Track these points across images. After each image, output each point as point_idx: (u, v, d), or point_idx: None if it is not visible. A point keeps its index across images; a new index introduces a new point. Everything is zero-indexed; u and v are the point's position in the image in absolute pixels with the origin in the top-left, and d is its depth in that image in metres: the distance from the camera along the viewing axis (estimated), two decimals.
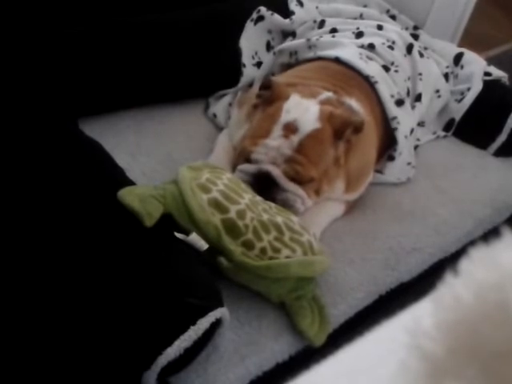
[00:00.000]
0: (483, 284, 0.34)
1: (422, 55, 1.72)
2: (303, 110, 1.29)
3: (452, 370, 0.33)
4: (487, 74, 1.78)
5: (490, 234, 1.53)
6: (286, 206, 1.27)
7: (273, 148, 1.27)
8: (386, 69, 1.58)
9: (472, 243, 1.49)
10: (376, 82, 1.51)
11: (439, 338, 0.33)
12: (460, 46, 2.01)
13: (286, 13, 1.78)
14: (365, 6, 1.93)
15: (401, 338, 0.35)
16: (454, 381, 0.32)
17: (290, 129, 1.27)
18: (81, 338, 0.99)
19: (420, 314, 0.35)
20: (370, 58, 1.58)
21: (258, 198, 1.23)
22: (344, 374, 0.40)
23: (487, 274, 0.34)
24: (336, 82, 1.45)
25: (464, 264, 0.36)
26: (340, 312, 1.24)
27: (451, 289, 0.35)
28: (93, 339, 0.99)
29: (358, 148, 1.37)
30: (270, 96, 1.34)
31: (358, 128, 1.31)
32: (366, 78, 1.52)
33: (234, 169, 1.34)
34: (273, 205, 1.24)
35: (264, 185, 1.27)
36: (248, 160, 1.30)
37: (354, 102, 1.41)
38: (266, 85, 1.37)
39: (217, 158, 1.43)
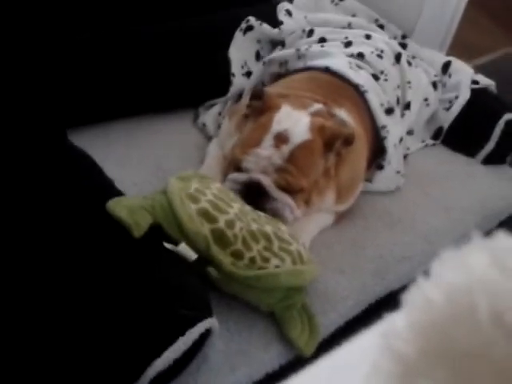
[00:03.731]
0: (452, 286, 0.34)
1: (410, 64, 1.73)
2: (294, 121, 1.30)
3: (423, 371, 0.33)
4: (475, 82, 1.79)
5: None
6: (276, 215, 1.28)
7: (264, 157, 1.27)
8: (376, 77, 1.59)
9: None
10: (366, 91, 1.52)
11: (411, 339, 0.34)
12: (448, 54, 2.02)
13: (275, 22, 1.79)
14: (353, 16, 1.94)
15: (375, 340, 0.35)
16: (425, 382, 0.32)
17: (281, 139, 1.27)
18: (70, 349, 0.98)
19: (393, 316, 0.36)
20: (360, 67, 1.59)
21: (247, 208, 1.23)
22: (319, 380, 0.40)
23: (457, 276, 0.34)
24: (326, 94, 1.45)
25: (434, 266, 0.36)
26: (330, 321, 1.23)
27: (422, 290, 0.35)
28: (82, 350, 0.98)
29: (349, 160, 1.37)
30: (261, 106, 1.34)
31: (348, 140, 1.31)
32: (356, 87, 1.52)
33: (225, 178, 1.35)
34: (262, 214, 1.24)
35: (254, 194, 1.28)
36: (238, 169, 1.30)
37: (344, 113, 1.41)
38: (258, 95, 1.37)
39: (208, 168, 1.43)
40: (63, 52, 1.51)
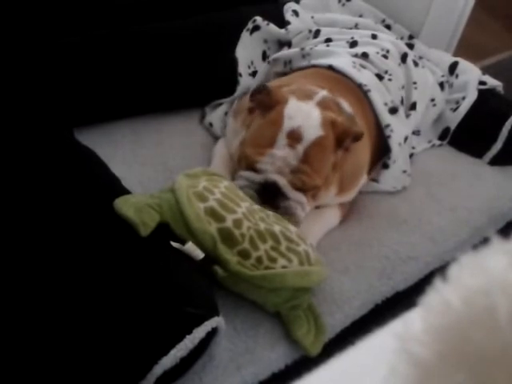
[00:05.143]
0: (471, 289, 0.34)
1: (416, 64, 1.73)
2: (305, 116, 1.29)
3: (441, 375, 0.33)
4: (482, 82, 1.79)
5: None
6: (288, 213, 1.27)
7: (279, 158, 1.26)
8: (380, 77, 1.59)
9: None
10: (369, 91, 1.52)
11: (428, 342, 0.33)
12: (455, 55, 2.02)
13: (282, 22, 1.79)
14: (360, 16, 1.94)
15: (391, 343, 0.35)
16: None
17: (294, 137, 1.27)
18: (76, 347, 0.98)
19: (409, 319, 0.36)
20: (364, 67, 1.59)
21: (256, 207, 1.22)
22: (334, 381, 0.40)
23: (475, 279, 0.34)
24: (330, 86, 1.44)
25: (452, 270, 0.36)
26: (336, 321, 1.23)
27: (440, 294, 0.35)
28: (88, 348, 0.99)
29: (351, 151, 1.37)
30: (267, 101, 1.33)
31: (357, 137, 1.31)
32: (359, 87, 1.52)
33: (233, 177, 1.34)
34: (270, 213, 1.23)
35: (269, 193, 1.27)
36: (253, 168, 1.30)
37: (346, 104, 1.41)
38: (259, 90, 1.36)
39: (215, 169, 1.42)
40: (70, 51, 1.51)
